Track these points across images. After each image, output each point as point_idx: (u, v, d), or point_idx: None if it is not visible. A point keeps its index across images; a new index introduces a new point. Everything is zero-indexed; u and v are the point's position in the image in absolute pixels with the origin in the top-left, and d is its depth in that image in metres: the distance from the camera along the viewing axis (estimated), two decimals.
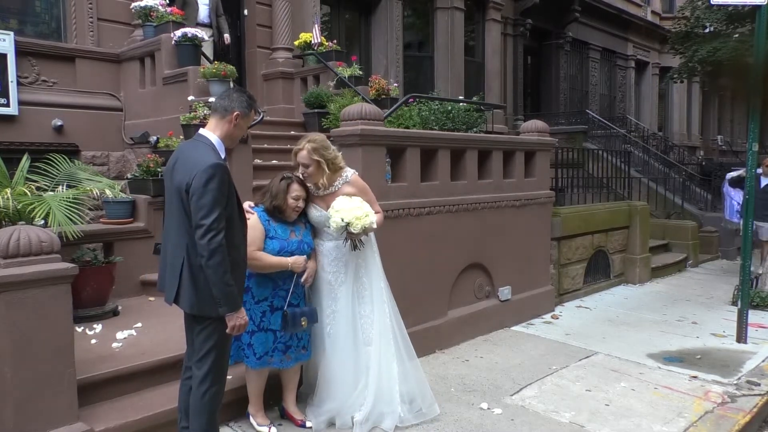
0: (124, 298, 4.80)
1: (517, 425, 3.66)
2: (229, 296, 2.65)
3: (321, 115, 7.23)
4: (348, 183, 3.57)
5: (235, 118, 2.77)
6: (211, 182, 2.57)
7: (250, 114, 2.83)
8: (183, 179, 2.64)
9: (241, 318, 2.74)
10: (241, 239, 2.85)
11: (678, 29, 13.81)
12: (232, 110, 2.77)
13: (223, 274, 2.59)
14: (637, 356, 4.98)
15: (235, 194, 2.78)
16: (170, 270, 2.79)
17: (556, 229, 6.60)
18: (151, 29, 6.50)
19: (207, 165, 2.59)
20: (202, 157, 2.64)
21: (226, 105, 2.79)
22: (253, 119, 2.83)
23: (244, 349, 3.35)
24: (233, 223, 2.75)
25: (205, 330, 2.77)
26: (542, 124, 6.47)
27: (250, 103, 2.83)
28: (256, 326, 3.31)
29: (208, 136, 2.78)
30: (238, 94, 2.82)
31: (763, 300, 6.60)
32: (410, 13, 10.99)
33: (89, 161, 6.23)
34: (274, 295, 3.35)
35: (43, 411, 2.82)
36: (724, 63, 11.79)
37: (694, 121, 20.98)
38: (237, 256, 2.78)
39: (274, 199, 3.37)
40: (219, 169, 2.61)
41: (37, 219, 3.92)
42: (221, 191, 2.60)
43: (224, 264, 2.59)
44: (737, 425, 3.74)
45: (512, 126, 12.27)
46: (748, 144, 5.40)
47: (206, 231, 2.55)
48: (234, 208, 2.76)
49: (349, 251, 3.54)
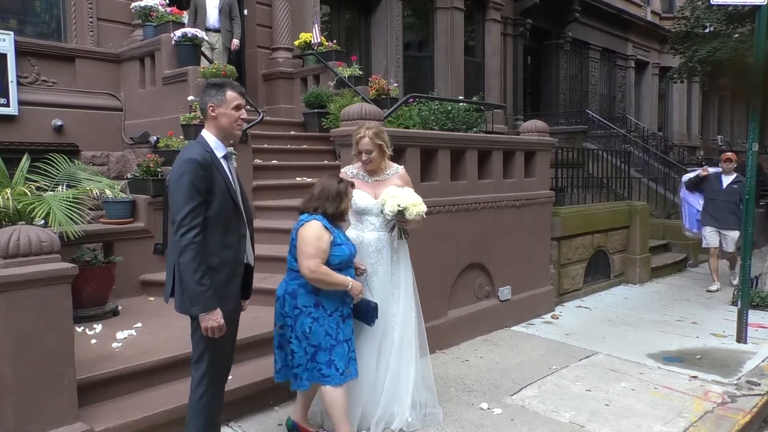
0: (124, 298, 4.80)
1: (517, 425, 3.66)
2: (200, 296, 2.56)
3: (321, 115, 7.23)
4: (398, 175, 3.59)
5: (212, 110, 2.74)
6: (183, 177, 2.55)
7: (224, 97, 2.73)
8: (168, 177, 2.67)
9: (213, 320, 2.61)
10: (237, 239, 2.77)
11: (678, 29, 13.83)
12: (206, 105, 2.76)
13: (193, 273, 2.53)
14: (637, 356, 4.97)
15: (227, 192, 2.71)
16: (167, 268, 2.79)
17: (556, 229, 6.59)
18: (151, 29, 6.50)
19: (182, 160, 2.60)
20: (183, 154, 2.65)
21: (201, 105, 2.80)
22: (234, 99, 2.74)
23: (322, 368, 3.05)
24: (224, 221, 2.68)
25: (197, 331, 2.73)
26: (542, 124, 6.47)
27: (218, 88, 2.75)
28: (335, 339, 3.08)
29: (204, 135, 2.79)
30: (207, 88, 2.79)
31: (763, 300, 6.60)
32: (410, 13, 10.99)
33: (89, 161, 6.23)
34: (343, 304, 3.15)
35: (43, 411, 2.82)
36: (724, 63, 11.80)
37: (694, 121, 20.99)
38: (228, 255, 2.72)
39: (341, 203, 3.13)
40: (192, 164, 2.57)
41: (37, 219, 3.92)
42: (194, 186, 2.55)
43: (195, 262, 2.53)
44: (737, 425, 3.74)
45: (512, 126, 12.27)
46: (748, 144, 5.40)
47: (177, 227, 2.53)
48: (226, 206, 2.69)
49: (390, 242, 3.49)
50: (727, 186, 7.37)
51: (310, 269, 2.98)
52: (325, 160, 6.94)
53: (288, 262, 3.16)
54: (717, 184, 7.43)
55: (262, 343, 3.97)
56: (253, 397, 3.66)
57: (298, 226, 3.08)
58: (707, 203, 7.48)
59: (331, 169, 6.51)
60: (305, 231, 3.03)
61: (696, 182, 7.66)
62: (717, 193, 7.38)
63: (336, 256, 3.06)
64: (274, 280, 4.50)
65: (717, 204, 7.35)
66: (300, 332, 3.06)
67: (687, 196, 7.87)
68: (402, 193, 3.39)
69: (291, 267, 3.13)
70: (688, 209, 7.88)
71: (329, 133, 5.66)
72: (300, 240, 3.03)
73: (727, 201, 7.29)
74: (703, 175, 7.55)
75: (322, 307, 3.07)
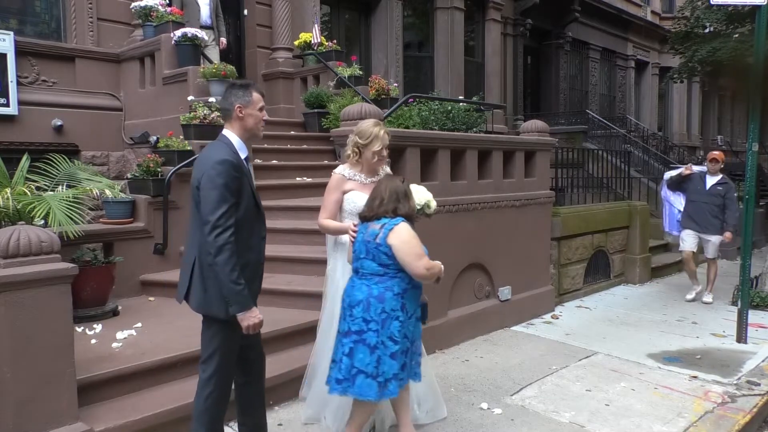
0: (124, 298, 4.80)
1: (517, 425, 3.65)
2: (238, 295, 2.58)
3: (321, 115, 7.23)
4: (389, 174, 3.55)
5: (240, 111, 2.75)
6: (217, 178, 2.55)
7: (251, 98, 2.76)
8: (196, 176, 2.66)
9: (253, 317, 2.64)
10: (258, 241, 2.80)
11: (678, 29, 13.82)
12: (232, 106, 2.75)
13: (230, 272, 2.54)
14: (637, 356, 4.97)
15: (251, 193, 2.74)
16: (183, 267, 2.79)
17: (556, 229, 6.59)
18: (151, 29, 6.50)
19: (215, 161, 2.59)
20: (213, 155, 2.65)
21: (226, 105, 2.78)
22: (259, 100, 2.78)
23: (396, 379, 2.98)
24: (248, 222, 2.71)
25: (210, 330, 2.74)
26: (542, 124, 6.47)
27: (245, 90, 2.78)
28: (410, 341, 3.09)
29: (228, 136, 2.78)
30: (232, 89, 2.80)
31: (763, 300, 6.60)
32: (410, 13, 11.00)
33: (89, 161, 6.23)
34: (418, 306, 3.16)
35: (43, 411, 2.82)
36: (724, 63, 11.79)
37: (694, 121, 20.99)
38: (252, 256, 2.75)
39: (410, 202, 3.11)
40: (226, 165, 2.59)
41: (37, 219, 3.92)
42: (228, 188, 2.57)
43: (231, 261, 2.54)
44: (737, 425, 3.73)
45: (512, 126, 12.27)
46: (748, 144, 5.39)
47: (212, 227, 2.53)
48: (250, 208, 2.72)
49: None
50: (711, 187, 6.81)
51: (426, 268, 2.96)
52: (325, 160, 6.94)
53: (365, 266, 3.04)
54: (700, 184, 6.90)
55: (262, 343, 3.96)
56: None
57: (387, 230, 2.97)
58: (688, 204, 6.99)
59: (330, 170, 6.49)
60: (405, 233, 2.98)
61: (678, 181, 7.10)
62: (699, 195, 6.85)
63: None
64: (273, 281, 4.52)
65: (698, 206, 6.83)
66: (387, 336, 2.96)
67: (668, 195, 7.32)
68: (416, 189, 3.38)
69: (372, 271, 3.02)
70: (669, 209, 7.34)
71: (329, 133, 5.66)
72: (403, 243, 2.96)
73: (709, 204, 6.75)
74: (686, 173, 7.01)
75: (405, 310, 3.03)
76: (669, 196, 7.29)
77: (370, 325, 2.96)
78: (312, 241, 4.87)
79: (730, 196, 6.73)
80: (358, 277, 3.08)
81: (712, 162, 6.91)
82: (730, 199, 6.72)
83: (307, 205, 5.41)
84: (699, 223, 6.80)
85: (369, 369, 2.92)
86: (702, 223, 6.78)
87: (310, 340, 3.78)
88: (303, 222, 5.18)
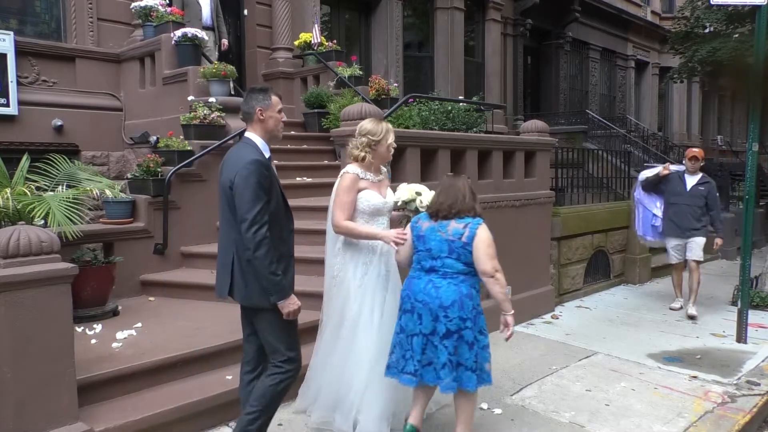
0: (124, 298, 4.80)
1: (517, 425, 3.66)
2: (277, 285, 2.73)
3: (321, 115, 7.23)
4: (387, 175, 3.68)
5: (260, 114, 2.88)
6: (251, 177, 2.69)
7: (271, 101, 2.90)
8: (227, 177, 2.77)
9: (293, 304, 2.80)
10: (288, 234, 2.95)
11: (678, 29, 13.83)
12: (253, 109, 2.88)
13: (269, 265, 2.69)
14: (637, 356, 4.98)
15: (279, 190, 2.89)
16: (221, 265, 2.91)
17: (556, 229, 6.60)
18: (151, 29, 6.50)
19: (247, 162, 2.72)
20: (243, 156, 2.78)
21: (247, 109, 2.91)
22: (277, 102, 2.94)
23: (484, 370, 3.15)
24: (279, 217, 2.86)
25: (264, 320, 2.86)
26: (542, 124, 6.47)
27: (264, 93, 2.92)
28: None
29: (251, 137, 2.91)
30: (252, 93, 2.94)
31: (763, 300, 6.60)
32: (410, 13, 11.00)
33: (89, 161, 6.23)
34: None
35: (43, 411, 2.82)
36: (724, 63, 11.78)
37: (694, 121, 20.99)
38: (284, 249, 2.89)
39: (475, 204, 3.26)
40: (257, 164, 2.73)
41: (37, 219, 3.92)
42: (261, 186, 2.71)
43: (270, 255, 2.69)
44: (737, 425, 3.74)
45: (512, 126, 12.27)
46: (748, 144, 5.40)
47: (250, 224, 2.66)
48: (279, 204, 2.87)
49: None
50: (693, 188, 6.31)
51: (496, 269, 3.09)
52: (325, 160, 6.94)
53: (447, 264, 3.12)
54: (680, 185, 6.38)
55: None
56: None
57: (474, 229, 3.11)
58: (668, 208, 6.45)
59: (331, 170, 6.51)
60: (487, 233, 3.13)
61: (655, 182, 6.54)
62: (680, 196, 6.33)
63: None
64: None
65: (680, 209, 6.31)
66: (478, 331, 3.13)
67: (642, 197, 6.75)
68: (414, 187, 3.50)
69: (457, 270, 3.11)
70: (643, 213, 6.78)
71: (329, 133, 5.66)
72: (484, 242, 3.10)
73: (692, 205, 6.25)
74: (664, 174, 6.47)
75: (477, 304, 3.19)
76: (643, 198, 6.74)
77: (466, 323, 3.08)
78: (312, 241, 4.87)
79: (713, 196, 6.34)
80: (440, 276, 3.11)
81: (692, 160, 6.38)
82: (713, 199, 6.33)
83: (307, 205, 5.41)
84: (681, 227, 6.32)
85: (469, 363, 3.08)
86: (685, 226, 6.30)
87: (310, 340, 3.78)
88: (304, 222, 5.17)
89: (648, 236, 6.78)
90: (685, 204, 6.29)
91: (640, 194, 6.78)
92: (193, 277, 5.01)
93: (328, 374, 3.42)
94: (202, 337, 3.89)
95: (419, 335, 3.10)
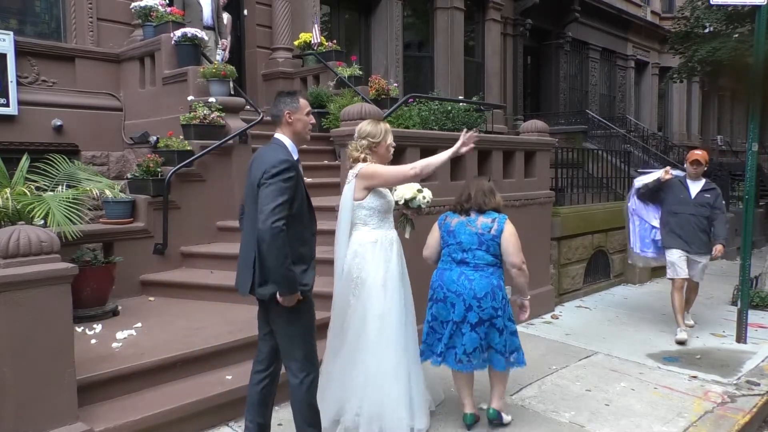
0: (124, 298, 4.80)
1: (517, 425, 3.65)
2: (288, 279, 2.74)
3: (321, 115, 7.23)
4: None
5: (289, 116, 2.95)
6: (279, 176, 2.74)
7: (299, 104, 2.98)
8: (256, 175, 2.81)
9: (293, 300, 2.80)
10: (310, 236, 2.98)
11: (678, 29, 13.82)
12: (282, 112, 2.95)
13: (284, 259, 2.70)
14: (637, 356, 4.98)
15: (304, 192, 2.94)
16: (243, 262, 2.91)
17: (556, 229, 6.60)
18: (151, 29, 6.49)
19: (277, 160, 2.78)
20: (273, 155, 2.84)
21: (276, 112, 2.98)
22: (306, 105, 3.02)
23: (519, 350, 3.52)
24: (302, 218, 2.90)
25: (284, 316, 2.85)
26: (542, 124, 6.47)
27: (292, 97, 3.01)
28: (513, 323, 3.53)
29: (281, 138, 2.98)
30: (281, 97, 3.02)
31: (762, 300, 6.60)
32: (410, 13, 11.00)
33: (89, 161, 6.23)
34: None
35: (43, 411, 2.82)
36: (724, 63, 11.78)
37: (694, 121, 21.00)
38: (305, 250, 2.92)
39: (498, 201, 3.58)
40: (287, 164, 2.78)
41: (37, 219, 3.92)
42: (287, 184, 2.76)
43: (284, 248, 2.69)
44: (737, 425, 3.74)
45: (512, 126, 12.27)
46: (747, 144, 5.40)
47: (267, 215, 2.68)
48: (303, 205, 2.91)
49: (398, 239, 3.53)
50: (698, 195, 5.52)
51: (523, 261, 3.46)
52: (325, 160, 6.94)
53: (478, 256, 3.43)
54: (683, 192, 5.57)
55: None
56: None
57: (502, 224, 3.45)
58: (669, 218, 5.58)
59: (331, 170, 6.51)
60: (512, 227, 3.47)
61: (654, 189, 5.67)
62: (683, 205, 5.52)
63: None
64: None
65: (684, 219, 5.48)
66: (507, 318, 3.47)
67: (639, 207, 5.84)
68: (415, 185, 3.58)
69: (487, 262, 3.44)
70: (640, 225, 5.85)
71: (329, 133, 5.66)
72: (512, 235, 3.45)
73: (697, 215, 5.45)
74: (665, 179, 5.62)
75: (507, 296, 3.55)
76: (640, 208, 5.83)
77: (498, 312, 3.40)
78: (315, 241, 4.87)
79: (719, 205, 5.56)
80: (472, 269, 3.43)
81: (694, 165, 5.56)
82: (720, 209, 5.55)
83: None
84: (686, 240, 5.48)
85: (499, 347, 3.43)
86: (690, 239, 5.46)
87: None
88: None
89: (648, 252, 5.84)
90: (689, 214, 5.48)
91: (635, 204, 5.87)
92: (193, 277, 5.01)
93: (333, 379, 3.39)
94: (202, 337, 3.89)
95: (450, 322, 3.41)
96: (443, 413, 3.76)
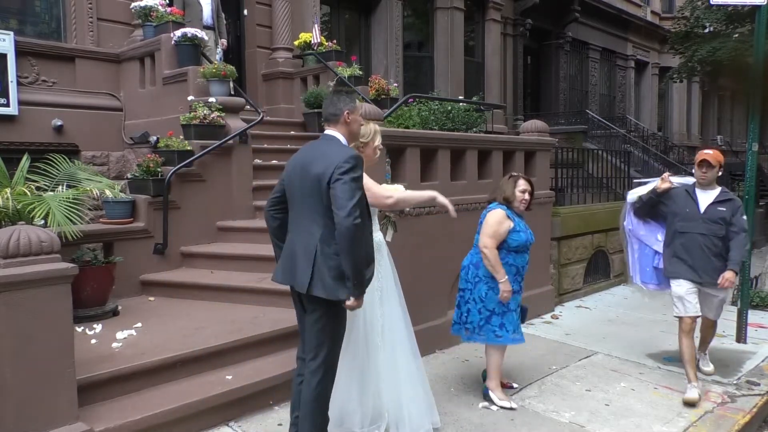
0: (124, 298, 4.80)
1: (517, 425, 3.66)
2: (368, 279, 2.76)
3: (321, 115, 7.22)
4: None
5: (348, 116, 2.95)
6: (352, 171, 2.72)
7: (356, 105, 3.00)
8: (324, 171, 2.74)
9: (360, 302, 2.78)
10: (369, 234, 2.96)
11: (678, 29, 13.85)
12: (342, 111, 2.94)
13: (366, 254, 2.72)
14: (637, 356, 4.98)
15: None
16: (303, 258, 2.82)
17: (556, 229, 6.60)
18: (151, 29, 6.49)
19: (349, 156, 2.76)
20: (341, 150, 2.83)
21: (334, 111, 2.96)
22: (361, 107, 3.02)
23: (496, 330, 3.86)
24: (368, 216, 2.91)
25: (322, 319, 2.84)
26: (542, 124, 6.47)
27: (350, 96, 3.03)
28: (506, 308, 3.88)
29: (337, 136, 2.95)
30: (339, 95, 3.01)
31: (762, 300, 6.60)
32: (410, 13, 11.00)
33: (89, 161, 6.23)
34: (514, 281, 3.90)
35: (43, 411, 2.82)
36: (724, 63, 11.80)
37: (694, 121, 20.99)
38: (372, 252, 2.91)
39: (504, 192, 3.93)
40: (358, 160, 2.79)
41: (37, 219, 3.91)
42: (360, 179, 2.77)
43: (369, 246, 2.73)
44: (737, 425, 3.74)
45: (512, 126, 12.27)
46: (748, 144, 5.40)
47: (350, 212, 2.64)
48: (364, 202, 2.88)
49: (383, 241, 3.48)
50: (709, 208, 4.21)
51: (484, 245, 3.80)
52: None
53: (476, 240, 3.95)
54: (690, 204, 4.29)
55: (262, 343, 3.97)
56: (253, 396, 3.65)
57: (486, 212, 3.91)
58: (674, 238, 4.34)
59: None
60: (490, 216, 3.87)
61: (651, 203, 4.48)
62: (690, 221, 4.25)
63: (514, 240, 3.86)
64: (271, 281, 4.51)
65: (692, 240, 4.22)
66: (477, 296, 3.88)
67: (637, 227, 4.67)
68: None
69: (476, 243, 3.94)
70: (640, 251, 4.69)
71: None
72: (486, 223, 3.87)
73: (709, 235, 4.16)
74: (663, 188, 4.41)
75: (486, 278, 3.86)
76: (638, 227, 4.66)
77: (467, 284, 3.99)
78: None
79: (738, 222, 4.19)
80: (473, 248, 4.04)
81: (702, 166, 4.23)
82: (738, 227, 4.17)
83: None
84: (695, 267, 4.23)
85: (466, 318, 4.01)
86: (699, 266, 4.20)
87: None
88: None
89: (650, 284, 4.70)
90: (698, 233, 4.21)
91: (632, 223, 4.70)
92: (193, 277, 5.01)
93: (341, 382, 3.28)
94: (202, 337, 3.89)
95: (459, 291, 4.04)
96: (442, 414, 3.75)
